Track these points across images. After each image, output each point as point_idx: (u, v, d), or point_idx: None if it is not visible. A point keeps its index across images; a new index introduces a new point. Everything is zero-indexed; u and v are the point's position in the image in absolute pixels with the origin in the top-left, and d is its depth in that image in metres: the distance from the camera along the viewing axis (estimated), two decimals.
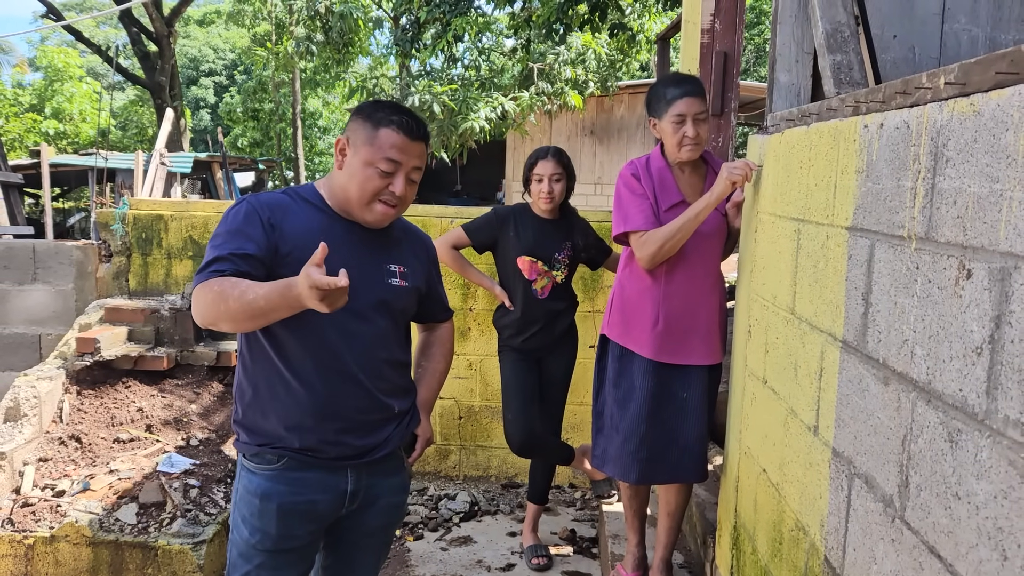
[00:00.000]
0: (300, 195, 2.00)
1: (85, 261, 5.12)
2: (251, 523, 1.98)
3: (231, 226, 1.86)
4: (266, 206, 1.91)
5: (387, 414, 2.05)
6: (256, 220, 1.87)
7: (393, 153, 1.90)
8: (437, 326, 2.36)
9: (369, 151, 1.90)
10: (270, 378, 1.94)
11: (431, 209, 4.89)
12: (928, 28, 2.25)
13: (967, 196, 1.12)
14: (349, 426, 1.98)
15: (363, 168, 1.91)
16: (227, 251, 1.81)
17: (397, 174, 1.92)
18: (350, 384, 1.96)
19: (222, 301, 1.70)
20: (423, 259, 2.19)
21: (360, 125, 1.94)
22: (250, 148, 23.24)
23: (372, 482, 2.06)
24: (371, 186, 1.91)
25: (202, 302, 1.76)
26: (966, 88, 1.17)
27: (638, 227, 2.62)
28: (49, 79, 25.33)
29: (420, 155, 1.96)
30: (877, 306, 1.41)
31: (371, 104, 1.98)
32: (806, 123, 1.93)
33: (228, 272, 1.77)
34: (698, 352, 2.70)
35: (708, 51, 3.55)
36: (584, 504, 4.62)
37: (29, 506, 3.71)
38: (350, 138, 1.95)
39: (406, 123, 1.92)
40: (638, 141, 12.33)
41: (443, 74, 10.09)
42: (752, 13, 20.39)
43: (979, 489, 1.06)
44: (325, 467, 1.99)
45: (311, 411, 1.94)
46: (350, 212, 1.98)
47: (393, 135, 1.90)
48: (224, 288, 1.71)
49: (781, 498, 1.96)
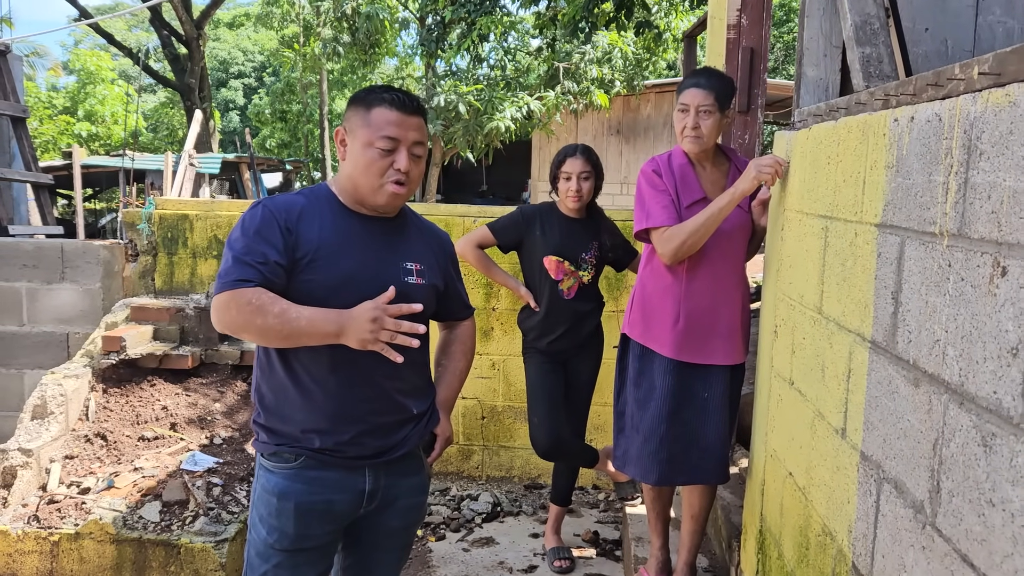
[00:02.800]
0: (314, 195, 1.98)
1: (112, 260, 5.17)
2: (269, 522, 1.97)
3: (250, 231, 1.85)
4: (282, 209, 1.90)
5: (405, 415, 2.03)
6: (274, 224, 1.86)
7: (390, 130, 1.89)
8: (457, 324, 2.32)
9: (366, 132, 1.89)
10: (286, 382, 1.94)
11: (455, 208, 4.87)
12: (961, 20, 2.19)
13: (1002, 190, 1.07)
14: (366, 428, 1.96)
15: (364, 151, 1.89)
16: (252, 259, 1.80)
17: (398, 150, 1.90)
18: (367, 387, 1.94)
19: (260, 315, 1.74)
20: (440, 256, 2.16)
21: (354, 111, 1.94)
22: (278, 149, 23.45)
23: (391, 482, 2.04)
24: (375, 167, 1.89)
25: (233, 311, 1.77)
26: (1001, 78, 1.12)
27: (660, 223, 2.59)
28: (82, 82, 25.75)
29: (419, 129, 1.94)
30: (907, 305, 1.36)
31: (363, 90, 1.98)
32: (834, 118, 1.88)
33: (256, 282, 1.78)
34: (720, 352, 2.66)
35: (734, 47, 3.49)
36: (608, 506, 4.57)
37: (55, 503, 3.74)
38: (347, 126, 1.95)
39: (398, 99, 1.91)
40: (665, 140, 12.26)
41: (469, 74, 10.10)
42: (781, 11, 20.20)
43: (1015, 496, 1.02)
44: (343, 466, 1.97)
45: (328, 415, 1.93)
46: (363, 202, 1.97)
47: (387, 112, 1.89)
48: (264, 303, 1.75)
49: (808, 502, 1.92)
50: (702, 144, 2.59)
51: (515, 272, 3.72)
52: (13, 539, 3.55)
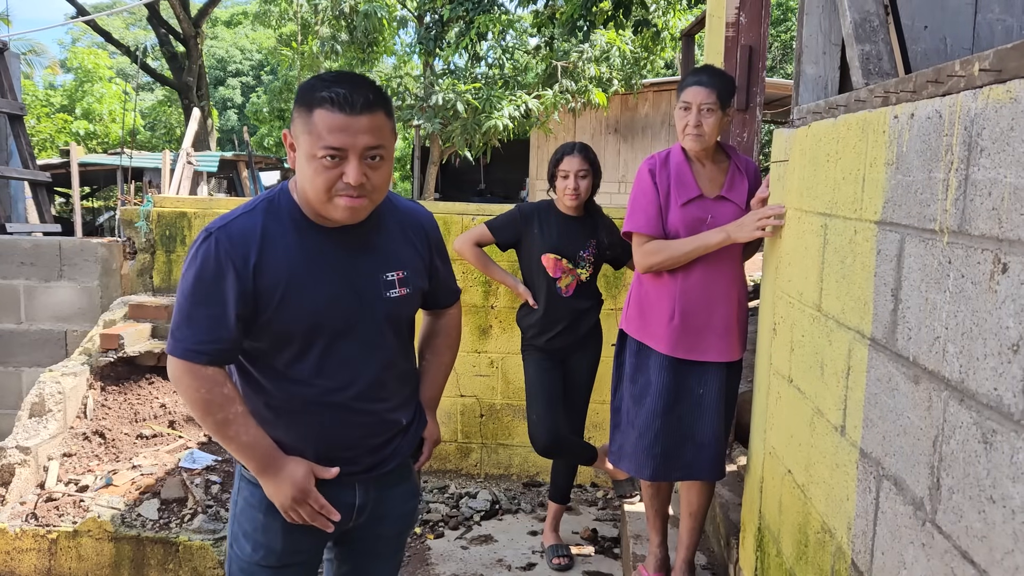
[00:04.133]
0: (273, 211, 1.73)
1: (110, 258, 5.16)
2: (254, 538, 1.87)
3: (201, 283, 1.66)
4: (237, 246, 1.66)
5: (395, 430, 1.93)
6: (229, 268, 1.65)
7: (331, 139, 1.57)
8: (443, 312, 2.14)
9: (308, 141, 1.59)
10: (268, 415, 1.79)
11: (453, 206, 4.87)
12: (960, 18, 2.19)
13: (1003, 187, 1.07)
14: (357, 452, 1.87)
15: (308, 163, 1.61)
16: (205, 317, 1.66)
17: (347, 160, 1.59)
18: (356, 414, 1.83)
19: (205, 411, 1.68)
20: (423, 248, 1.93)
21: (297, 112, 1.63)
22: (276, 147, 23.39)
23: (381, 494, 1.95)
24: (320, 181, 1.60)
25: (183, 387, 1.69)
26: (1002, 75, 1.12)
27: (639, 229, 2.67)
28: (79, 80, 25.68)
29: (372, 131, 1.60)
30: (907, 302, 1.36)
31: (306, 82, 1.64)
32: (833, 115, 1.88)
33: (208, 357, 1.66)
34: (715, 348, 2.67)
35: (733, 45, 3.49)
36: (606, 504, 4.58)
37: (53, 501, 3.74)
38: (292, 130, 1.66)
39: (341, 97, 1.57)
40: (663, 139, 12.25)
41: (467, 73, 10.09)
42: (779, 10, 20.20)
43: (1015, 492, 1.02)
44: (332, 482, 1.84)
45: (314, 446, 1.81)
46: (320, 217, 1.72)
47: (327, 116, 1.57)
48: (213, 399, 1.67)
49: (807, 500, 1.92)
50: (704, 142, 2.60)
51: (514, 270, 3.72)
52: (11, 537, 3.55)
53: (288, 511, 1.76)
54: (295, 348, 1.74)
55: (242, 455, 1.73)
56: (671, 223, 2.63)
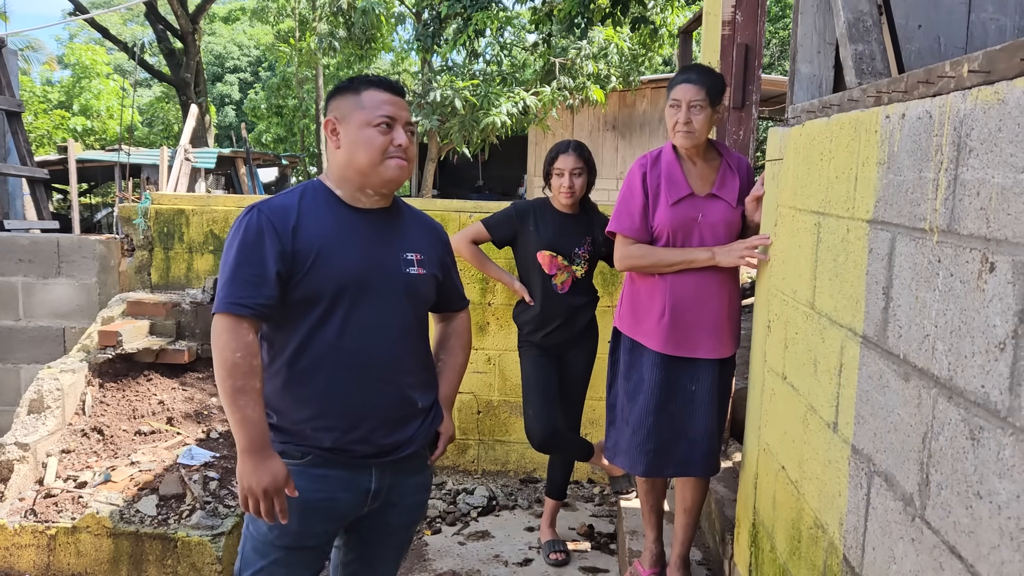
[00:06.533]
0: (309, 192, 1.99)
1: (108, 255, 5.17)
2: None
3: (244, 247, 1.87)
4: (278, 213, 1.91)
5: (411, 409, 2.03)
6: (271, 231, 1.87)
7: (385, 109, 1.93)
8: (454, 316, 2.31)
9: (362, 114, 1.92)
10: (293, 380, 1.93)
11: (450, 203, 4.88)
12: (954, 17, 2.20)
13: (991, 187, 1.09)
14: (376, 424, 1.96)
15: (362, 131, 1.92)
16: (249, 274, 1.84)
17: (395, 127, 1.94)
18: (376, 381, 1.95)
19: (229, 373, 1.80)
20: (437, 247, 2.17)
21: (342, 98, 1.97)
22: (274, 144, 23.38)
23: (395, 481, 2.04)
24: (377, 144, 1.91)
25: (219, 341, 1.83)
26: (991, 76, 1.14)
27: (622, 231, 2.74)
28: (77, 76, 25.61)
29: (408, 110, 2.00)
30: (898, 300, 1.38)
31: (344, 80, 2.03)
32: (827, 115, 1.89)
33: (248, 316, 1.82)
34: (706, 345, 2.69)
35: (729, 43, 3.50)
36: (602, 500, 4.59)
37: (51, 497, 3.75)
38: (337, 115, 1.96)
39: (385, 82, 1.97)
40: (660, 135, 12.25)
41: (465, 69, 10.09)
42: (776, 7, 20.19)
43: (1001, 488, 1.03)
44: (349, 465, 1.97)
45: (339, 411, 1.93)
46: (362, 188, 1.98)
47: (378, 94, 1.94)
48: (241, 365, 1.80)
49: (800, 495, 1.93)
50: (694, 139, 2.62)
51: (510, 268, 3.73)
52: (10, 533, 3.56)
53: (251, 495, 1.83)
54: (321, 309, 1.90)
55: (241, 427, 1.81)
56: (661, 221, 2.65)
